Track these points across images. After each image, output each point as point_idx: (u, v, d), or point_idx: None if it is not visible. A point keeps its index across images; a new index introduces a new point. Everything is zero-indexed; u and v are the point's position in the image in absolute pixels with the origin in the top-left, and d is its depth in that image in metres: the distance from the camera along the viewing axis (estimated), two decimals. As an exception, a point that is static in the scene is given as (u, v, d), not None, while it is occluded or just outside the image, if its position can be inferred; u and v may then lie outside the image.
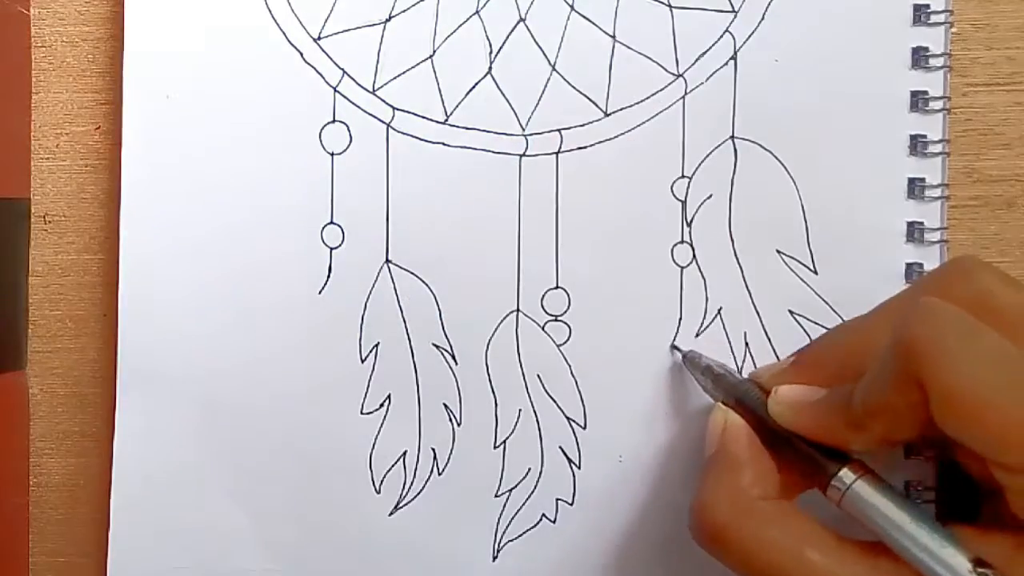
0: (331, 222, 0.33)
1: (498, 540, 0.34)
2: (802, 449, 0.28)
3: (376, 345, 0.34)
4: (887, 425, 0.26)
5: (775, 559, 0.26)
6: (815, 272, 0.33)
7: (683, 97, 0.33)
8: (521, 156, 0.33)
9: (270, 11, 0.33)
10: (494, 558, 0.34)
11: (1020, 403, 0.24)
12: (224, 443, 0.33)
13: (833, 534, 0.26)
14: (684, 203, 0.33)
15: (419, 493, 0.34)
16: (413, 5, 0.33)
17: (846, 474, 0.27)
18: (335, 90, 0.33)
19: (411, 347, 0.34)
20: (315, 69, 0.33)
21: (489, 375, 0.34)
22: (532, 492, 0.34)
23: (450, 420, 0.34)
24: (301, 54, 0.33)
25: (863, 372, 0.27)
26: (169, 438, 0.33)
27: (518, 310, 0.34)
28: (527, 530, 0.34)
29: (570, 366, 0.34)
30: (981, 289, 0.26)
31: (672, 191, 0.33)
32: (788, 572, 0.26)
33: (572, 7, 0.33)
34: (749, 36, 0.33)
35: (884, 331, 0.27)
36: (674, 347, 0.33)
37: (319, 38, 0.33)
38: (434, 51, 0.33)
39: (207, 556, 0.34)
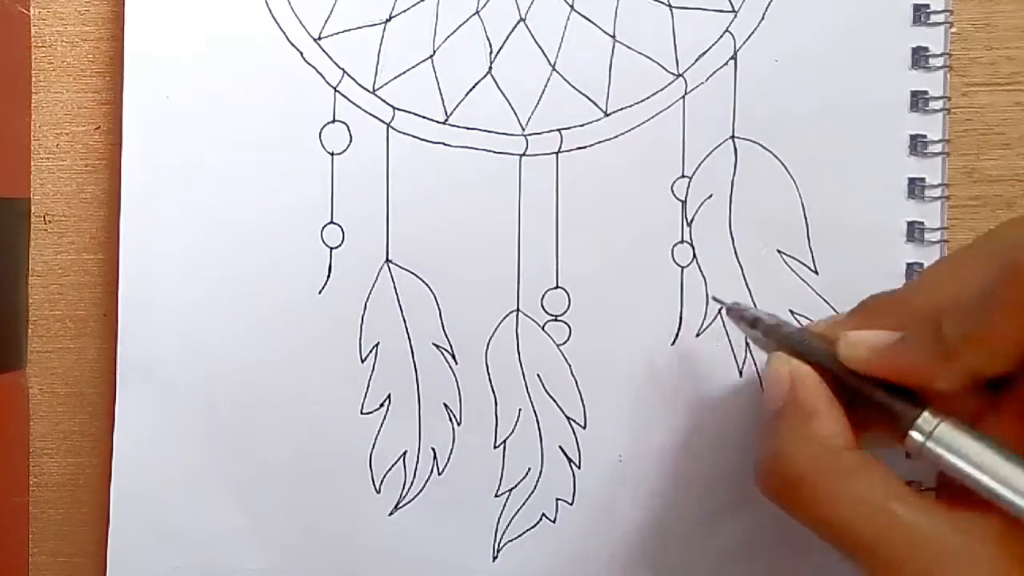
0: (331, 222, 0.33)
1: (498, 540, 0.34)
2: (876, 397, 0.26)
3: (376, 345, 0.34)
4: (984, 354, 0.24)
5: (859, 512, 0.24)
6: (815, 272, 0.33)
7: (683, 97, 0.33)
8: (521, 156, 0.34)
9: (270, 11, 0.33)
10: (494, 558, 0.34)
11: None
12: (224, 442, 0.33)
13: (914, 489, 0.25)
14: (684, 203, 0.33)
15: (419, 493, 0.34)
16: (413, 5, 0.33)
17: (926, 419, 0.25)
18: (335, 90, 0.33)
19: (411, 347, 0.34)
20: (315, 69, 0.33)
21: (489, 375, 0.34)
22: (532, 492, 0.34)
23: (450, 420, 0.34)
24: (301, 54, 0.33)
25: (940, 317, 0.25)
26: (169, 437, 0.33)
27: (518, 310, 0.34)
28: (527, 530, 0.34)
29: (570, 366, 0.34)
30: None
31: (672, 191, 0.33)
32: (871, 527, 0.24)
33: (572, 7, 0.33)
34: (749, 36, 0.33)
35: (967, 274, 0.25)
36: (715, 299, 0.33)
37: (319, 38, 0.33)
38: (434, 51, 0.33)
39: (206, 555, 0.34)
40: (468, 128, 0.33)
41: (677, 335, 0.33)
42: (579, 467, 0.34)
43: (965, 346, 0.24)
